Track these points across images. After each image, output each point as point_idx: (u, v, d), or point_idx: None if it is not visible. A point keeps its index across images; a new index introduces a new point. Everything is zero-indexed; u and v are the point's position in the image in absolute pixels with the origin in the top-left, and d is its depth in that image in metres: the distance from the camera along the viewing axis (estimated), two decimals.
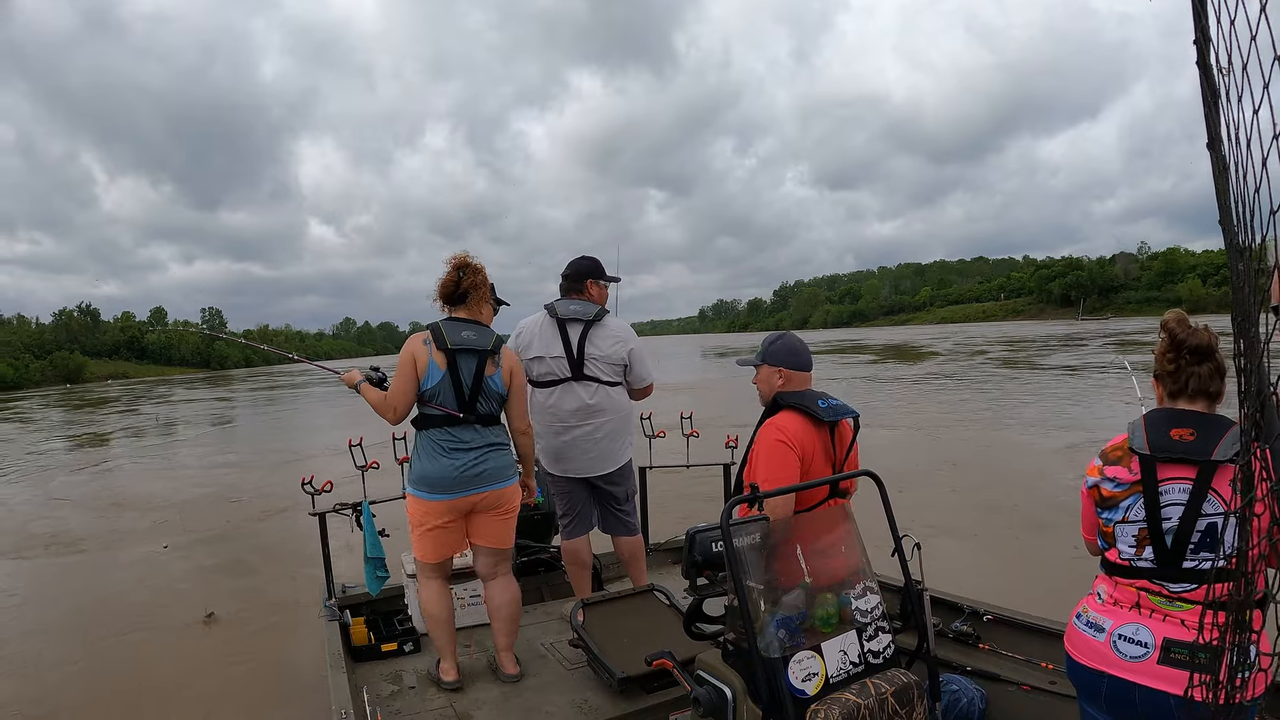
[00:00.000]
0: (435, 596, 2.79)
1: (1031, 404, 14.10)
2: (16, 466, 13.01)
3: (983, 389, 17.51)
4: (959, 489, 7.62)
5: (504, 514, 2.80)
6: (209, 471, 11.41)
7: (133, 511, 8.55)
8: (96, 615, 5.12)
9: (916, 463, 8.88)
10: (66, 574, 6.31)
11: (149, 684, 4.00)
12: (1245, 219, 1.07)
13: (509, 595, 2.85)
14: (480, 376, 2.68)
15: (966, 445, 10.20)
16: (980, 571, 4.99)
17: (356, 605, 3.37)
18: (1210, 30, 1.11)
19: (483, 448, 2.71)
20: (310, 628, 4.35)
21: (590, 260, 3.26)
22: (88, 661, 4.36)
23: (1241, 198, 1.08)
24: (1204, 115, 1.12)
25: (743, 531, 1.85)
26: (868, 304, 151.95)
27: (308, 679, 3.89)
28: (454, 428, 2.67)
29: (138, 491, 9.90)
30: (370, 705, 2.53)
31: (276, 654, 4.34)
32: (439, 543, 2.74)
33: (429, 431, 2.69)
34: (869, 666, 1.79)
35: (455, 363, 2.65)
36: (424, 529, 2.73)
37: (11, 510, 9.14)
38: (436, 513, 2.69)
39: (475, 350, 2.67)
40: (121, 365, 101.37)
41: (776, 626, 1.73)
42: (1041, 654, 2.50)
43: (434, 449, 2.67)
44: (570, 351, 3.13)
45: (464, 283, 2.71)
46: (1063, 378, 19.06)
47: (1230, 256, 1.12)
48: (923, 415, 13.30)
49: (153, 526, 7.81)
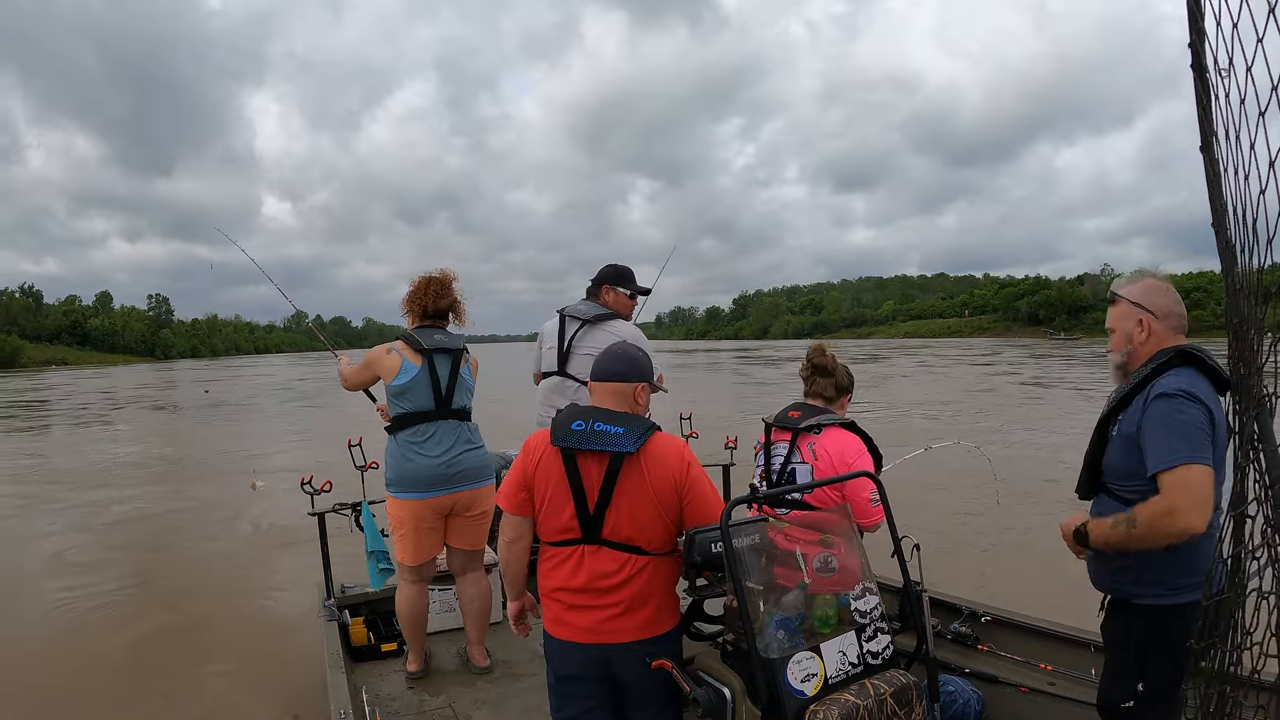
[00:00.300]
0: (411, 599, 2.91)
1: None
2: None
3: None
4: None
5: (478, 517, 2.93)
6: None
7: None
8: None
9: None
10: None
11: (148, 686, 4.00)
12: (1237, 222, 1.06)
13: (478, 590, 2.99)
14: (455, 373, 2.86)
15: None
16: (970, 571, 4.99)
17: (355, 605, 3.38)
18: (1207, 31, 1.10)
19: (460, 446, 2.83)
20: (310, 628, 4.35)
21: (615, 268, 3.27)
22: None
23: (1236, 199, 1.07)
24: (1198, 118, 1.12)
25: (742, 532, 1.85)
26: (829, 316, 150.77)
27: (307, 679, 3.89)
28: (430, 424, 2.79)
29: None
30: (369, 705, 2.53)
31: (276, 654, 4.34)
32: (419, 545, 2.82)
33: (404, 432, 2.79)
34: (868, 667, 1.79)
35: (432, 362, 2.80)
36: (405, 531, 2.81)
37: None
38: (417, 513, 2.77)
39: (449, 350, 2.85)
40: (62, 351, 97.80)
41: (776, 627, 1.74)
42: (1040, 655, 2.51)
43: (411, 449, 2.77)
44: (561, 346, 3.16)
45: (456, 305, 2.96)
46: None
47: (1223, 258, 1.11)
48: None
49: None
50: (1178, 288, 1.84)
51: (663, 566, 1.90)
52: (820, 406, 2.47)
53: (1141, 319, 1.77)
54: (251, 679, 4.01)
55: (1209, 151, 1.11)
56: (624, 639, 1.85)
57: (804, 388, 2.54)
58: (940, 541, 6.19)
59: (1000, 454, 9.76)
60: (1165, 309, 1.76)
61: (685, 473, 1.86)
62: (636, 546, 1.85)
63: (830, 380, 2.49)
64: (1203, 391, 1.61)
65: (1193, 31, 1.10)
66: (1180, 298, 1.82)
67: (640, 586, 1.86)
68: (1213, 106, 1.08)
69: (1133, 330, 1.79)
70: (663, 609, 1.90)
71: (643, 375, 1.96)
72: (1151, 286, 1.80)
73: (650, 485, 1.84)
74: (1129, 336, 1.80)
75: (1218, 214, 1.11)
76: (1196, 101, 1.11)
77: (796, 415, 2.42)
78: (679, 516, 1.88)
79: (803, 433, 2.38)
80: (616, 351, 1.99)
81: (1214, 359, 1.65)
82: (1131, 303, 1.79)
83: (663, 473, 1.85)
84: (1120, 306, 1.83)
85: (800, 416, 2.41)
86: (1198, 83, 1.11)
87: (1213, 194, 1.11)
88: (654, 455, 1.86)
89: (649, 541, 1.86)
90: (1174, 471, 1.55)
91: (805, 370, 2.53)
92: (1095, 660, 2.11)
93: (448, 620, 3.35)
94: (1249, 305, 1.10)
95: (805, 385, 2.54)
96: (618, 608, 1.85)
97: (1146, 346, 1.77)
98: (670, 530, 1.89)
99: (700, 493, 1.87)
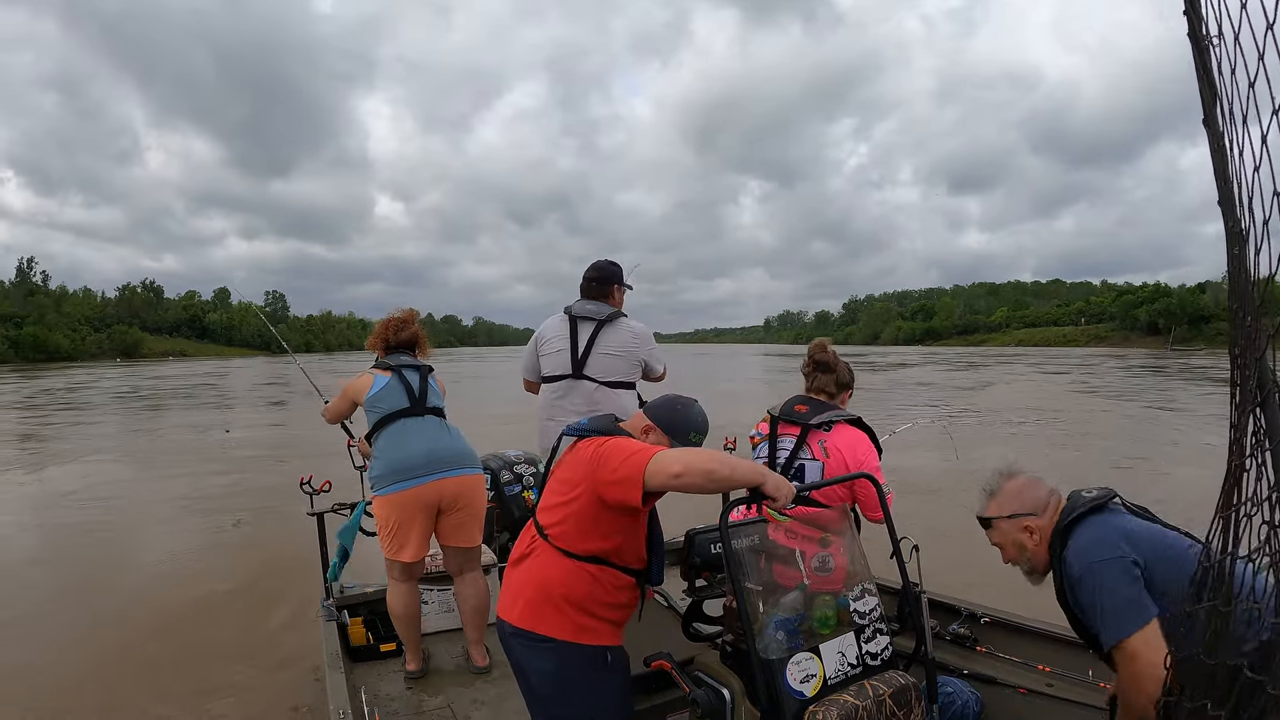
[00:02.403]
0: (401, 597, 2.94)
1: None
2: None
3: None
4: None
5: (469, 514, 2.97)
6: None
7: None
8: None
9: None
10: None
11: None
12: (1242, 201, 1.04)
13: (475, 589, 3.02)
14: (425, 381, 3.03)
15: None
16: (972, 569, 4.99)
17: (354, 606, 3.38)
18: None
19: (441, 434, 2.95)
20: (309, 628, 4.35)
21: (616, 265, 3.29)
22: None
23: (1238, 178, 1.04)
24: (1199, 91, 1.09)
25: (741, 533, 1.85)
26: (941, 322, 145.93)
27: (307, 679, 3.89)
28: (409, 419, 2.91)
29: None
30: (368, 705, 2.53)
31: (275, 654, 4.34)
32: (405, 540, 2.85)
33: (385, 430, 2.91)
34: (867, 668, 1.80)
35: (402, 374, 2.99)
36: (390, 527, 2.86)
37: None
38: (402, 505, 2.83)
39: (415, 366, 3.08)
40: (180, 343, 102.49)
41: (775, 628, 1.74)
42: (1039, 657, 2.51)
43: (391, 442, 2.88)
44: (576, 350, 3.13)
45: (408, 333, 3.17)
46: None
47: (1229, 240, 1.09)
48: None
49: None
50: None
51: (555, 562, 1.80)
52: (825, 401, 2.49)
53: (1026, 525, 1.76)
54: (251, 678, 4.00)
55: (1211, 127, 1.09)
56: (512, 620, 1.83)
57: (805, 384, 2.57)
58: (941, 541, 6.20)
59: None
60: (1037, 500, 1.77)
61: (597, 448, 1.77)
62: (540, 525, 1.85)
63: (832, 377, 2.52)
64: (1106, 538, 1.62)
65: (1187, 1, 1.08)
66: (1030, 473, 1.84)
67: (530, 568, 1.83)
68: (1215, 78, 1.05)
69: (1024, 540, 1.78)
70: (539, 606, 1.79)
71: (663, 428, 1.91)
72: (1013, 490, 1.80)
73: (569, 467, 1.84)
74: (1022, 547, 1.79)
75: (1224, 191, 1.08)
76: (1196, 74, 1.09)
77: (804, 410, 2.44)
78: (587, 497, 1.76)
79: (813, 429, 2.39)
80: (679, 403, 1.95)
81: (1082, 497, 1.70)
82: (1007, 518, 1.79)
83: (583, 454, 1.82)
84: (999, 527, 1.81)
85: (808, 412, 2.42)
86: (1196, 54, 1.08)
87: (1218, 169, 1.09)
88: (582, 447, 1.84)
89: (551, 522, 1.82)
90: (1118, 649, 1.57)
91: (807, 366, 2.56)
92: (1094, 662, 2.11)
93: (447, 620, 3.35)
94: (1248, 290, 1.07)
95: (807, 381, 2.57)
96: (512, 588, 1.86)
97: (1043, 545, 1.75)
98: (579, 529, 1.78)
99: (607, 450, 1.74)
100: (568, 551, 1.79)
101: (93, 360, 70.75)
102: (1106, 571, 1.58)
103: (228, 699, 3.75)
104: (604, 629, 1.83)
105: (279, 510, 7.59)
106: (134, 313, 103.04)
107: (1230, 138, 1.05)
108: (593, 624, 1.81)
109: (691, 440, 1.88)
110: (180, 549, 6.55)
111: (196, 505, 8.27)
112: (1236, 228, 1.06)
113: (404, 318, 3.21)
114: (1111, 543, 1.61)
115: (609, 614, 1.84)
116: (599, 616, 1.82)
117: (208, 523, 7.49)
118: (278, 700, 3.71)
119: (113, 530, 7.40)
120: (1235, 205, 1.06)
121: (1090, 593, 1.60)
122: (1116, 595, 1.56)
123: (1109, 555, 1.59)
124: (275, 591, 5.32)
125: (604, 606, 1.82)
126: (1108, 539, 1.62)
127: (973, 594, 2.95)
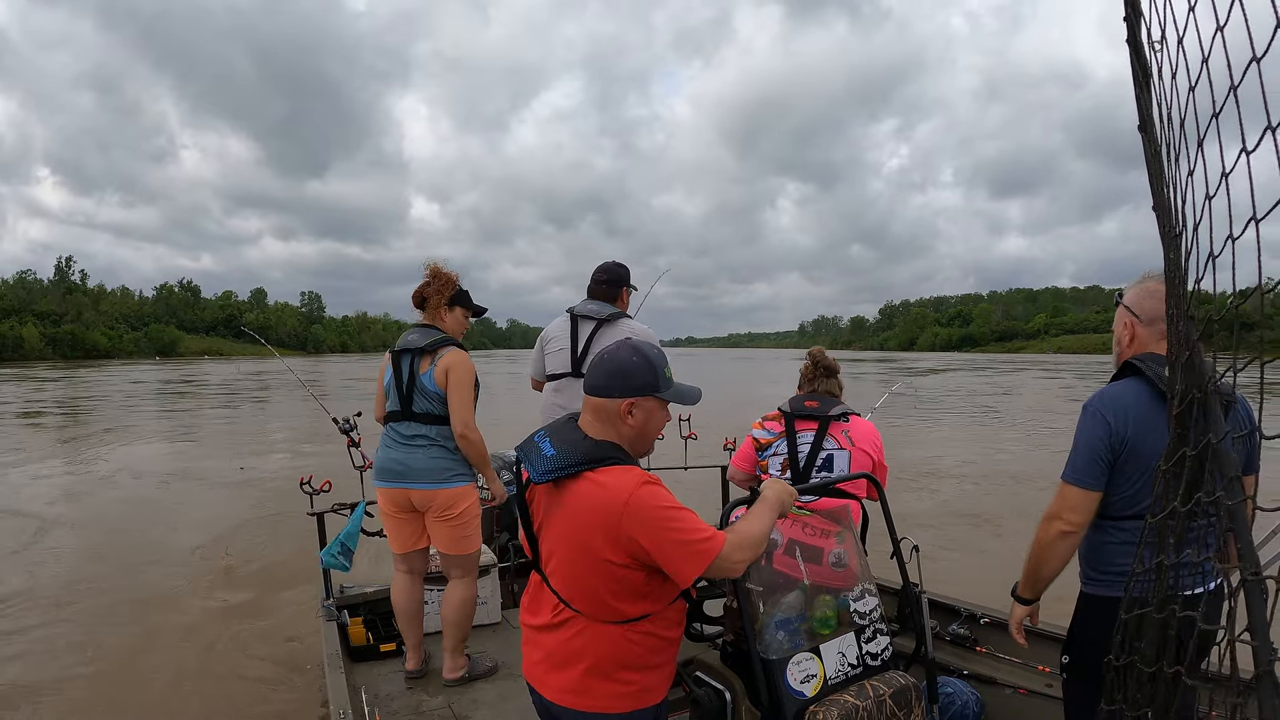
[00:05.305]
0: (398, 589, 2.95)
1: None
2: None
3: None
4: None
5: (446, 519, 2.81)
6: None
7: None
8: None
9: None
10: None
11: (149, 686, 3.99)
12: (1177, 205, 1.04)
13: (453, 597, 2.88)
14: (414, 375, 2.81)
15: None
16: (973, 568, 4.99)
17: (355, 605, 3.38)
18: (1142, 4, 1.08)
19: (410, 445, 2.79)
20: (309, 628, 4.35)
21: (624, 268, 3.28)
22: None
23: (1173, 182, 1.04)
24: (1135, 96, 1.10)
25: None
26: (978, 328, 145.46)
27: (306, 679, 3.89)
28: (397, 423, 2.86)
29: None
30: (368, 705, 2.53)
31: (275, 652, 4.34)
32: (391, 533, 2.92)
33: (384, 428, 2.92)
34: (867, 668, 1.80)
35: (398, 364, 2.86)
36: (383, 518, 2.94)
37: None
38: (381, 502, 2.89)
39: (411, 350, 2.83)
40: (217, 342, 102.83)
41: (775, 628, 1.74)
42: (1038, 657, 2.51)
43: (381, 442, 2.90)
44: (575, 348, 3.14)
45: (426, 290, 2.91)
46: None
47: (1164, 244, 1.10)
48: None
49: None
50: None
51: (604, 636, 1.51)
52: (831, 398, 2.65)
53: (1127, 322, 1.78)
54: (250, 678, 4.00)
55: (1147, 131, 1.10)
56: (549, 696, 1.56)
57: (808, 386, 2.71)
58: (941, 541, 6.21)
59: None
60: (1152, 313, 1.75)
61: (618, 522, 1.42)
62: (565, 599, 1.53)
63: (835, 380, 2.72)
64: (1117, 406, 1.66)
65: (1128, 5, 1.08)
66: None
67: (569, 640, 1.53)
68: (1150, 85, 1.06)
69: (1121, 334, 1.80)
70: (593, 683, 1.52)
71: (630, 388, 1.54)
72: (1145, 291, 1.79)
73: (574, 532, 1.49)
74: (1117, 340, 1.82)
75: (1158, 195, 1.09)
76: (1133, 79, 1.10)
77: (815, 405, 2.59)
78: (629, 579, 1.47)
79: (833, 420, 2.56)
80: (604, 356, 1.60)
81: (1154, 369, 1.67)
82: (1125, 306, 1.80)
83: (587, 518, 1.46)
84: (1119, 310, 1.84)
85: (821, 406, 2.59)
86: (1134, 59, 1.09)
87: (1152, 174, 1.10)
88: (581, 495, 1.48)
89: (578, 598, 1.51)
90: (1060, 485, 1.70)
91: (810, 370, 2.73)
92: None
93: None
94: (1183, 296, 1.07)
95: (810, 384, 2.71)
96: (544, 654, 1.57)
97: (1130, 350, 1.77)
98: (614, 595, 1.48)
99: (666, 536, 1.42)
100: (613, 621, 1.52)
101: (129, 359, 71.48)
102: (1088, 422, 1.69)
103: (228, 698, 3.74)
104: (663, 677, 1.61)
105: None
106: (171, 312, 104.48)
107: (1167, 142, 1.06)
108: (654, 679, 1.58)
109: (669, 375, 1.60)
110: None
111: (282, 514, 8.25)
112: (1171, 232, 1.07)
113: (429, 271, 2.94)
114: (1115, 406, 1.67)
115: (667, 655, 1.61)
116: (657, 667, 1.58)
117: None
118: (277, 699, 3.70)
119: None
120: (1171, 211, 1.07)
121: (1078, 427, 1.72)
122: (1079, 445, 1.69)
123: (1107, 416, 1.67)
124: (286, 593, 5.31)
125: (661, 650, 1.58)
126: (1117, 401, 1.68)
127: (973, 594, 2.95)
